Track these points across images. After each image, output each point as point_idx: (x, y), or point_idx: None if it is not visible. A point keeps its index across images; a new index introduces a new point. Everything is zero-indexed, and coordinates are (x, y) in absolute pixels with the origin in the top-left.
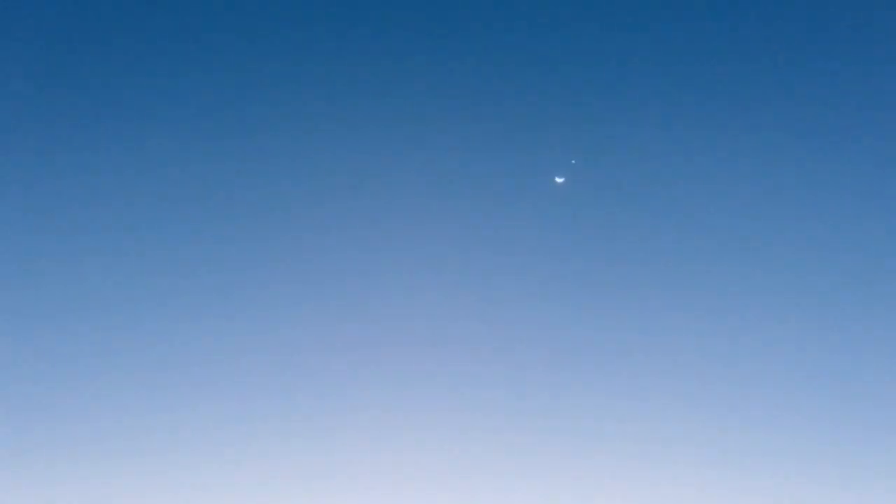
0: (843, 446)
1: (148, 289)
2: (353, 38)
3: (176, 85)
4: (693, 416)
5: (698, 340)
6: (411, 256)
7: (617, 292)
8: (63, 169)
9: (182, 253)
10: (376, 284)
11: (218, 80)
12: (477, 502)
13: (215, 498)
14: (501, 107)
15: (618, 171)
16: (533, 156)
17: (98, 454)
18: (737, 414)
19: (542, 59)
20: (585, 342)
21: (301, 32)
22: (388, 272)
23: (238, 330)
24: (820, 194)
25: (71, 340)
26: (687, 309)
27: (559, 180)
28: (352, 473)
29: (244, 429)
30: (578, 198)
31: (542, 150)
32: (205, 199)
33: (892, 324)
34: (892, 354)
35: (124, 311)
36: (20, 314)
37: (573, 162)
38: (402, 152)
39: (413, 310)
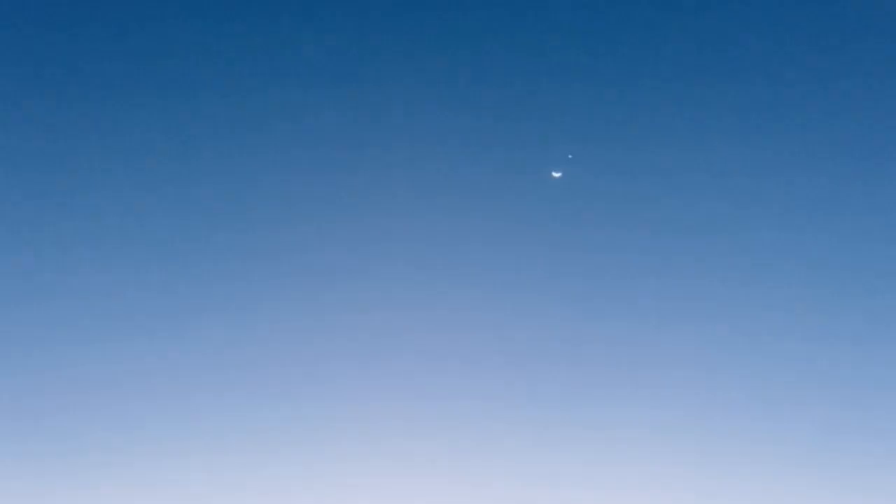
0: (845, 449)
1: (146, 289)
2: (349, 31)
3: (175, 81)
4: (692, 413)
5: (698, 337)
6: (406, 253)
7: (616, 288)
8: (58, 169)
9: (181, 252)
10: (370, 281)
11: (216, 75)
12: (475, 500)
13: (216, 498)
14: (497, 100)
15: (616, 166)
16: (529, 150)
17: (97, 455)
18: (738, 412)
19: (539, 52)
20: (584, 339)
21: (297, 26)
22: (383, 268)
23: (237, 329)
24: (821, 193)
25: (69, 341)
26: (686, 305)
27: (556, 175)
28: (349, 473)
29: (245, 429)
30: (575, 192)
31: (539, 145)
32: (204, 198)
33: (892, 326)
34: (892, 356)
35: (122, 311)
36: (20, 314)
37: (570, 157)
38: (396, 147)
39: (409, 306)
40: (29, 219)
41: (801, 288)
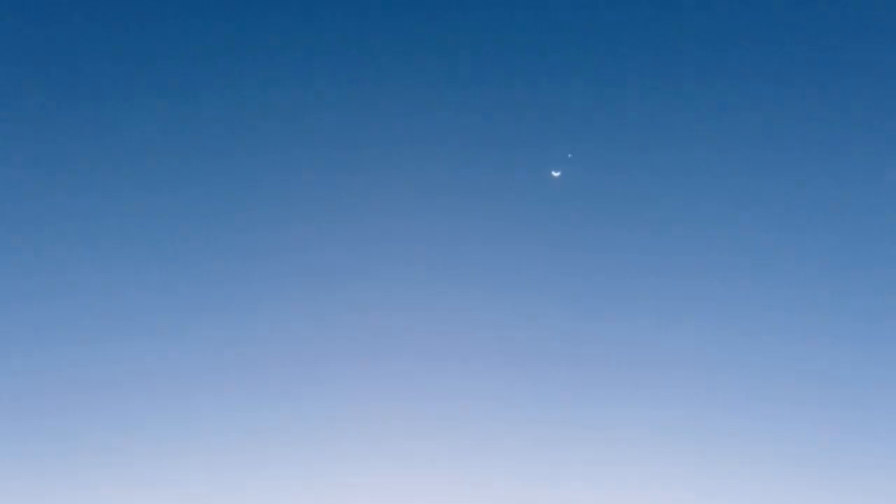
0: (845, 449)
1: (146, 289)
2: (349, 31)
3: (175, 81)
4: (692, 413)
5: (698, 337)
6: (406, 253)
7: (616, 288)
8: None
9: (181, 252)
10: (370, 281)
11: (216, 75)
12: (475, 500)
13: (216, 498)
14: (497, 100)
15: (615, 166)
16: (529, 150)
17: (97, 455)
18: (738, 412)
19: (539, 52)
20: (584, 339)
21: (297, 26)
22: (383, 268)
23: (237, 329)
24: (821, 194)
25: (69, 341)
26: (686, 305)
27: (555, 174)
28: (349, 473)
29: (245, 429)
30: (575, 192)
31: (539, 145)
32: (204, 198)
33: (892, 326)
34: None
35: (122, 311)
36: (20, 314)
37: (569, 156)
38: (396, 147)
39: (409, 306)
40: (29, 219)
41: (800, 288)
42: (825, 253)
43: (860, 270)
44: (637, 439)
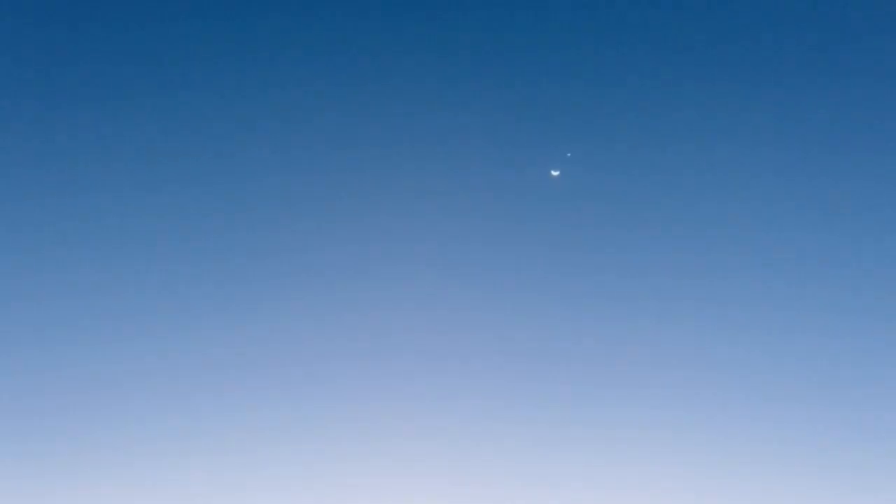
0: (845, 449)
1: (146, 289)
2: (349, 31)
3: (175, 81)
4: (692, 413)
5: (698, 337)
6: (406, 253)
7: (616, 287)
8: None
9: (181, 252)
10: (371, 281)
11: (216, 75)
12: (475, 500)
13: (216, 498)
14: (497, 100)
15: (615, 166)
16: (529, 149)
17: (97, 455)
18: (738, 412)
19: (539, 52)
20: (584, 339)
21: (296, 26)
22: (383, 268)
23: (237, 329)
24: (822, 193)
25: (69, 341)
26: (687, 304)
27: (555, 173)
28: (349, 473)
29: (245, 429)
30: (575, 191)
31: (539, 145)
32: (204, 198)
33: (891, 328)
34: (891, 359)
35: (122, 311)
36: (20, 314)
37: (569, 155)
38: (396, 147)
39: (409, 306)
40: (29, 219)
41: (801, 287)
42: (825, 252)
43: (860, 270)
44: (637, 439)
